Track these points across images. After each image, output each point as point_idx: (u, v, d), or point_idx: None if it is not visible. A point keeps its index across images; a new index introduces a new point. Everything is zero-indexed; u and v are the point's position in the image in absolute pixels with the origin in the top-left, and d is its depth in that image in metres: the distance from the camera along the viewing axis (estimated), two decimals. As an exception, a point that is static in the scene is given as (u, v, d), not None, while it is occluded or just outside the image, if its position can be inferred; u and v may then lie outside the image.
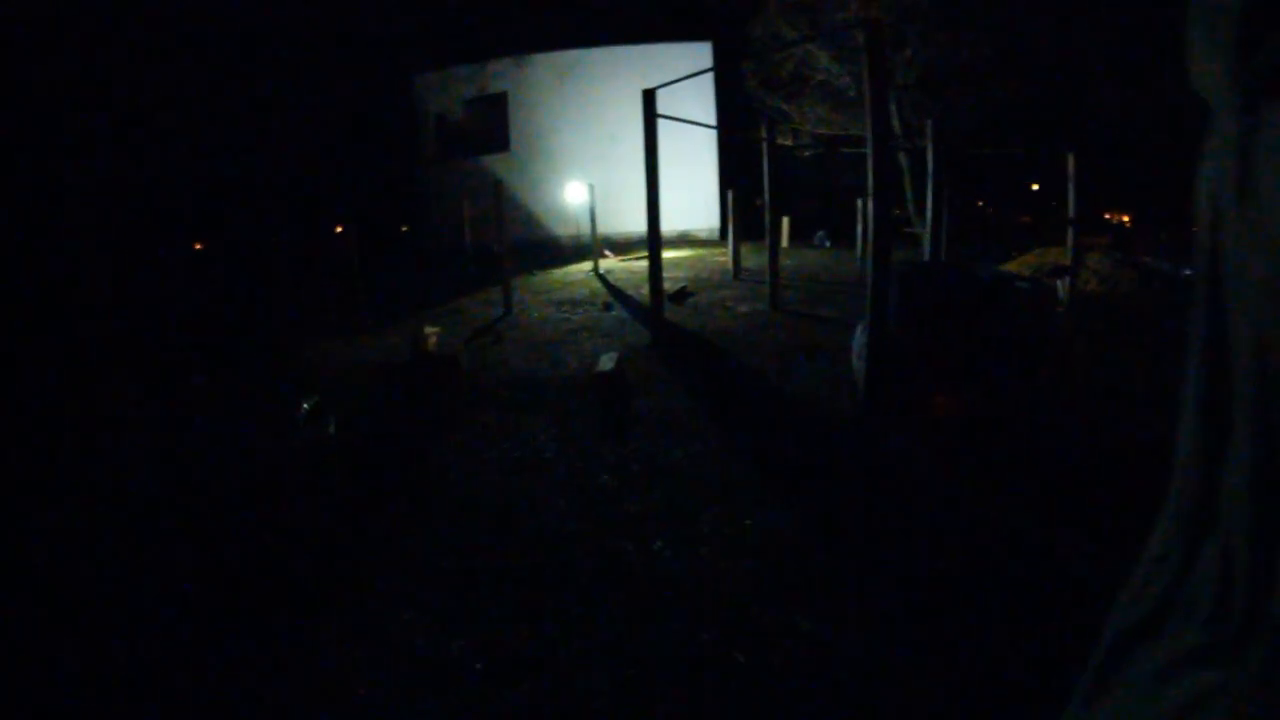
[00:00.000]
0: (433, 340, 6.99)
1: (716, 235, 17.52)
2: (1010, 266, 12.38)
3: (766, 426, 5.25)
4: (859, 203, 14.23)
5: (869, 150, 5.42)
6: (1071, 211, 9.65)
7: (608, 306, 10.40)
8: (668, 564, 3.36)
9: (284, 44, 22.65)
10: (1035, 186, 29.60)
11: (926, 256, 9.46)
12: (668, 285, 10.96)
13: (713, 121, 17.78)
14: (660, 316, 7.97)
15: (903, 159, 18.28)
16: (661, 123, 7.48)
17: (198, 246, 20.10)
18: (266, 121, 22.09)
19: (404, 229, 21.91)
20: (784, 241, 15.88)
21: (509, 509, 4.18)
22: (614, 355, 6.86)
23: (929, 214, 9.17)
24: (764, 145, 10.26)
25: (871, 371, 5.11)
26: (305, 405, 5.00)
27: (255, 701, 2.62)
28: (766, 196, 9.66)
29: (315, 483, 4.65)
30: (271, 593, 3.43)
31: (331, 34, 23.78)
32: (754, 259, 13.32)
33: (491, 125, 20.91)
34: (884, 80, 5.35)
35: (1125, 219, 25.68)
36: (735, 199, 12.56)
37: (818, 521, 3.68)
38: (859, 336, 5.62)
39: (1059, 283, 8.96)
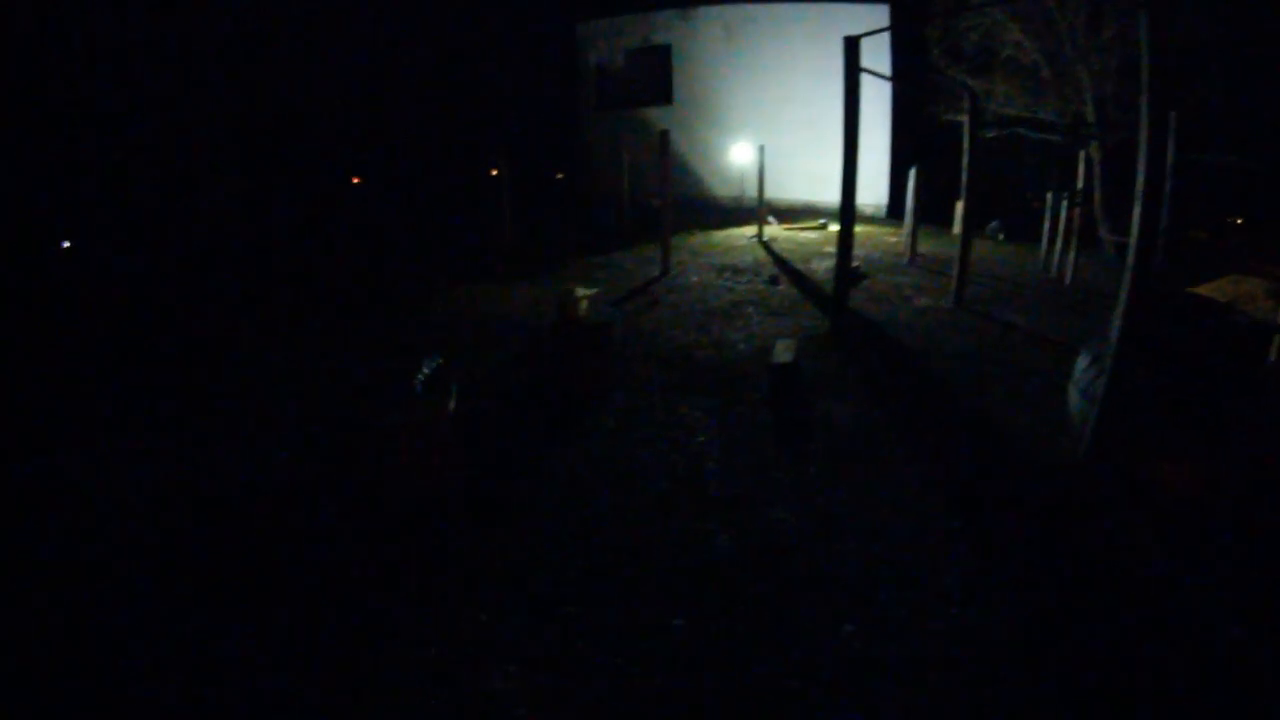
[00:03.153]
0: (583, 304, 6.21)
1: (883, 213, 16.56)
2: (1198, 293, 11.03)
3: (969, 463, 4.51)
4: (1049, 196, 13.02)
5: (1141, 139, 4.56)
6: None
7: (774, 280, 9.90)
8: (859, 661, 2.66)
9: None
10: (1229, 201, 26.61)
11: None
12: (835, 263, 10.29)
13: (887, 92, 16.68)
14: (843, 302, 7.36)
15: (1096, 153, 16.65)
16: (831, 87, 6.78)
17: (355, 180, 20.58)
18: (429, 59, 22.34)
19: (559, 176, 21.80)
20: (955, 227, 14.83)
21: (655, 539, 3.51)
22: (791, 343, 6.22)
23: (1162, 225, 8.13)
24: (965, 122, 9.37)
25: (1103, 420, 4.29)
26: (425, 369, 4.30)
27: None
28: (964, 178, 8.82)
29: (420, 473, 3.91)
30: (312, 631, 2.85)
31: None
32: (925, 244, 12.40)
33: (653, 78, 20.46)
34: (1166, 47, 4.43)
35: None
36: (918, 177, 11.69)
37: (1042, 634, 2.84)
38: (1084, 368, 4.75)
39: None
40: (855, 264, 10.78)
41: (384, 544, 3.50)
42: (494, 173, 14.95)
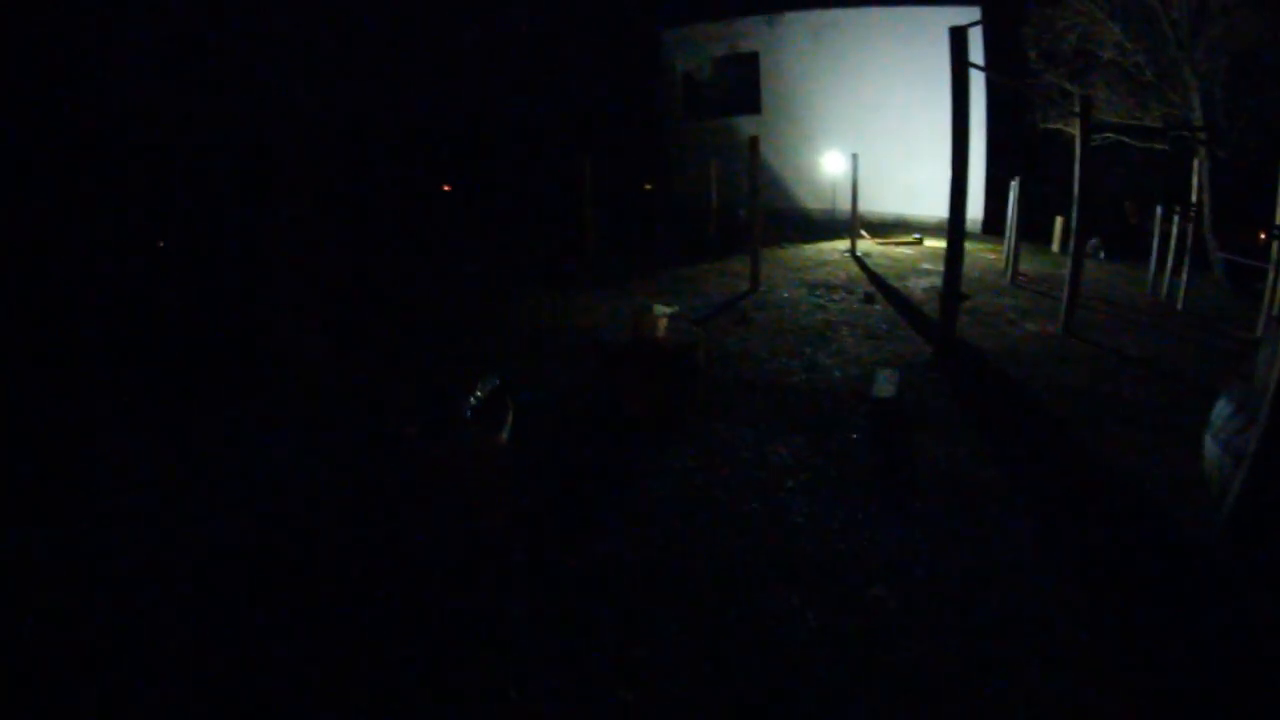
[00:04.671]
0: (662, 324, 5.54)
1: (978, 228, 16.06)
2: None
3: (1094, 529, 4.01)
4: (1158, 211, 12.39)
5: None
6: None
7: (869, 298, 9.71)
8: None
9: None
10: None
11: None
12: (933, 281, 10.02)
13: (982, 101, 16.14)
14: (951, 328, 7.10)
15: (1203, 161, 15.72)
16: (921, 94, 6.57)
17: (446, 188, 20.99)
18: (515, 68, 22.62)
19: (647, 186, 21.85)
20: (1054, 245, 14.27)
21: (729, 614, 3.12)
22: (894, 375, 5.70)
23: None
24: (1077, 131, 8.94)
25: (1252, 483, 3.70)
26: (479, 391, 3.75)
27: None
28: (1076, 191, 8.39)
29: (463, 515, 3.37)
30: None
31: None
32: (1025, 262, 11.95)
33: (741, 86, 20.42)
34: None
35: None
36: (1019, 190, 11.26)
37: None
38: (1226, 417, 4.22)
39: None
40: (954, 284, 10.49)
41: (411, 603, 3.15)
42: (578, 181, 15.05)
